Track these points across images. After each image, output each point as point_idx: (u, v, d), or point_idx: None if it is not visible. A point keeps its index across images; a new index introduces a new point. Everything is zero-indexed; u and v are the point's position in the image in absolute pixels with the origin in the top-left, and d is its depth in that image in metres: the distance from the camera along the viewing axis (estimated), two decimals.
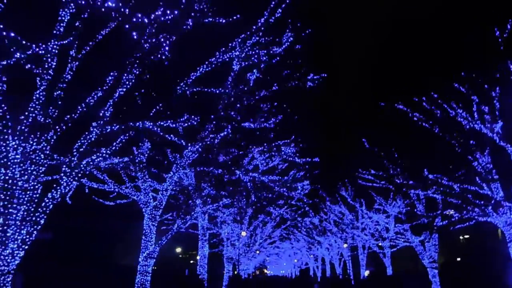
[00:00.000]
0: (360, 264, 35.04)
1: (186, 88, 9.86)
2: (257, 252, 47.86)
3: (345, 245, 37.90)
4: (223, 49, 9.99)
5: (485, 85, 15.67)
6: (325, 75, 15.10)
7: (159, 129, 9.37)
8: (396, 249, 28.89)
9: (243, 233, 28.58)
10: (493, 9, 16.61)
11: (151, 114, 9.40)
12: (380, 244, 30.29)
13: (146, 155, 15.47)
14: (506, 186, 17.03)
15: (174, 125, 9.56)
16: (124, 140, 9.74)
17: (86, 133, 9.03)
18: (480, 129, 15.27)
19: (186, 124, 9.73)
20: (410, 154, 20.59)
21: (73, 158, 8.70)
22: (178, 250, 54.21)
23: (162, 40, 8.59)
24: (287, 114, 14.65)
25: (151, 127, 9.19)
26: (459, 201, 17.52)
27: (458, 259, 48.51)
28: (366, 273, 42.33)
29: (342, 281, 27.43)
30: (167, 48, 8.52)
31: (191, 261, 75.25)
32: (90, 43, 9.44)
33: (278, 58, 12.51)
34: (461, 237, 51.99)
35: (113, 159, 14.02)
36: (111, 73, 9.34)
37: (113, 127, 8.94)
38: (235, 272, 28.63)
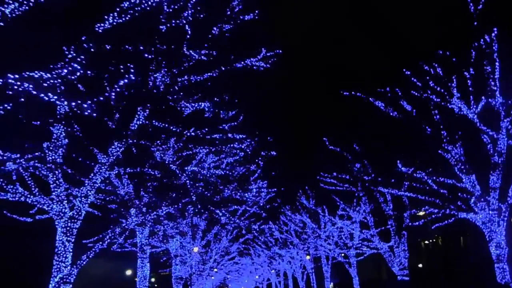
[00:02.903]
0: (324, 276, 32.67)
1: (91, 44, 7.09)
2: (215, 270, 44.49)
3: (308, 257, 35.51)
4: None
5: (459, 65, 13.88)
6: (280, 51, 12.77)
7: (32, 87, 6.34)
8: (363, 257, 26.78)
9: (195, 249, 25.45)
10: None
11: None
12: (345, 253, 28.09)
13: (61, 153, 12.33)
14: (482, 180, 15.27)
15: (48, 75, 6.64)
16: None
17: None
18: (459, 109, 13.36)
19: (65, 71, 6.79)
20: (377, 149, 18.57)
21: None
22: (129, 272, 49.49)
23: None
24: (232, 97, 12.09)
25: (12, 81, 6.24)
26: (433, 198, 15.56)
27: (420, 265, 47.50)
28: (331, 286, 40.06)
29: None
30: None
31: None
32: None
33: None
34: (422, 243, 51.21)
35: (13, 157, 10.86)
36: None
37: None
38: None
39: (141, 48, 8.75)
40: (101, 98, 8.30)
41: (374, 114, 16.44)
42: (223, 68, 12.52)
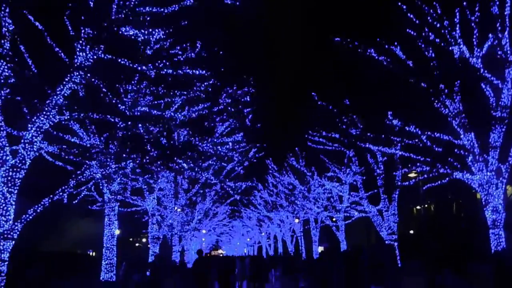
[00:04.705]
0: (313, 240, 31.89)
1: None
2: (203, 231, 43.89)
3: (297, 220, 34.65)
4: None
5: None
6: None
7: None
8: (351, 221, 25.73)
9: (176, 208, 24.33)
10: None
11: None
12: (333, 216, 27.07)
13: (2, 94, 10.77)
14: (481, 139, 13.76)
15: None
16: None
17: None
18: (460, 53, 11.65)
19: None
20: (368, 103, 16.98)
21: None
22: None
23: None
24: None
25: None
26: (426, 158, 14.11)
27: (411, 231, 46.96)
28: (320, 249, 39.55)
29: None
30: None
31: (137, 244, 70.29)
32: None
33: None
34: (414, 209, 50.48)
35: None
36: None
37: None
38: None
39: None
40: None
41: (365, 64, 14.74)
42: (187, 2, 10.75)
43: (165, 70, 9.78)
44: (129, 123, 11.32)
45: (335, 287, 9.98)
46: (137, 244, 69.97)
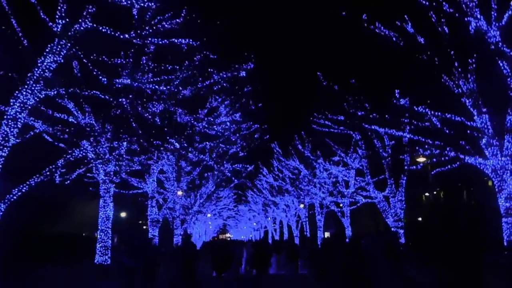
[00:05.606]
0: (317, 226, 31.28)
1: None
2: (208, 215, 43.57)
3: (302, 206, 34.05)
4: None
5: None
6: None
7: None
8: (356, 206, 24.99)
9: (180, 192, 23.84)
10: None
11: None
12: (337, 202, 26.34)
13: None
14: (496, 123, 12.85)
15: None
16: None
17: None
18: (477, 27, 10.70)
19: None
20: (374, 83, 16.08)
21: None
22: (123, 214, 49.27)
23: None
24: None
25: None
26: (436, 141, 13.27)
27: (419, 219, 46.18)
28: (326, 235, 39.03)
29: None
30: None
31: (144, 227, 70.55)
32: None
33: None
34: (423, 196, 49.53)
35: None
36: None
37: None
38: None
39: None
40: None
41: (372, 41, 13.82)
42: None
43: (150, 39, 9.08)
44: (121, 99, 10.64)
45: (335, 275, 9.38)
46: (144, 227, 70.28)
